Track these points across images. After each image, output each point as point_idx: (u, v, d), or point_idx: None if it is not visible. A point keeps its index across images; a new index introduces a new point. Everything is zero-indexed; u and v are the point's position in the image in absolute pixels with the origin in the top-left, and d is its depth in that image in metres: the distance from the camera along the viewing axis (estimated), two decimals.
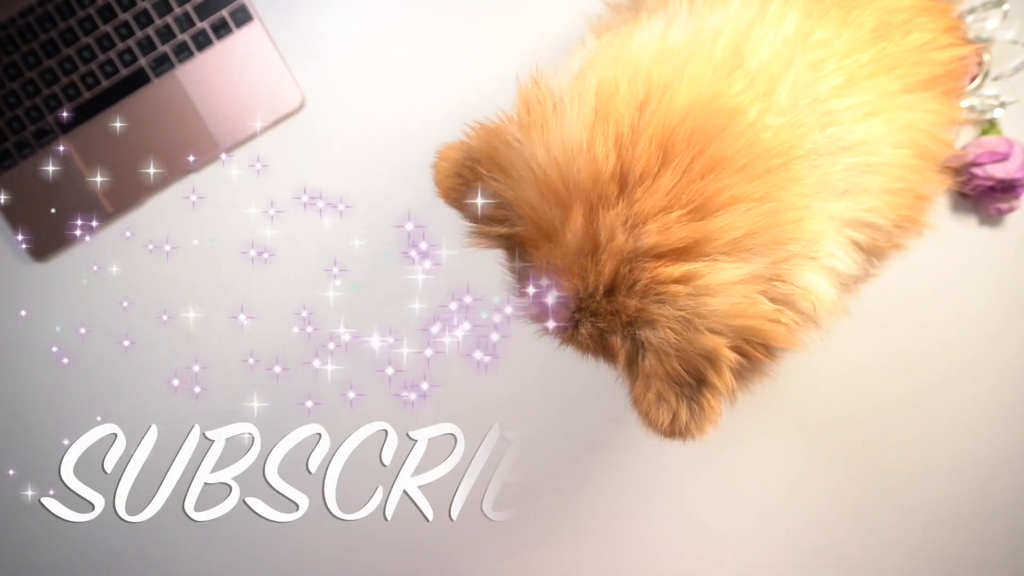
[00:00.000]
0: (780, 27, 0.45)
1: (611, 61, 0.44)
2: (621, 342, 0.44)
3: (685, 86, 0.42)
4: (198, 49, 0.78)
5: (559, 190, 0.42)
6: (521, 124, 0.45)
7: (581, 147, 0.42)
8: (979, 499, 0.77)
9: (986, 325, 0.76)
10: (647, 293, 0.41)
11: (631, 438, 0.79)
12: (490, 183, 0.45)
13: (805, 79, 0.44)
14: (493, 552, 0.80)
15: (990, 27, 0.71)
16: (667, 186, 0.40)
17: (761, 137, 0.41)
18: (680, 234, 0.40)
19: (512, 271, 0.49)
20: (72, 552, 0.82)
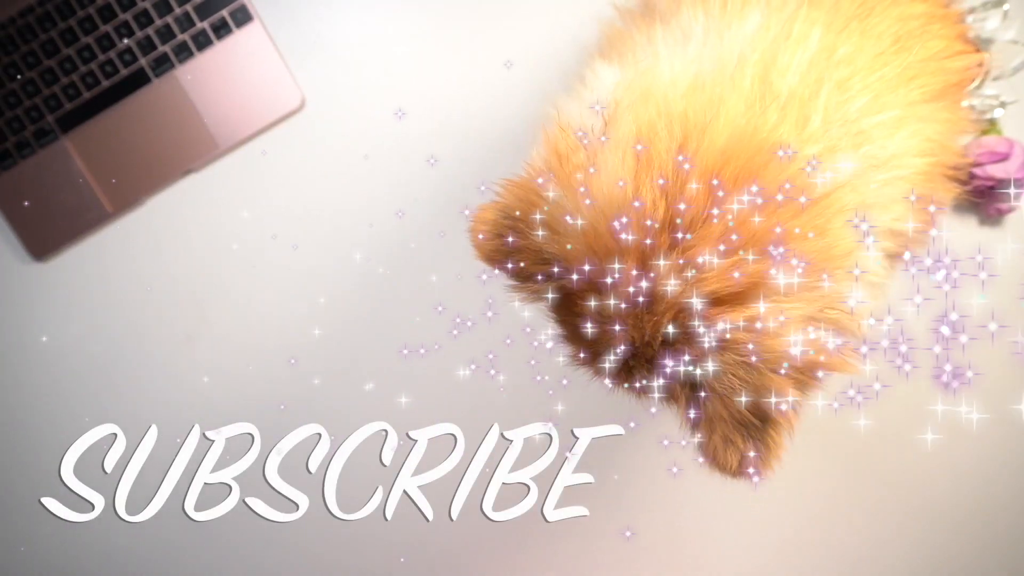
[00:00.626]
0: (805, 46, 0.45)
1: (641, 102, 0.43)
2: (680, 388, 0.44)
3: (722, 125, 0.41)
4: (198, 49, 0.78)
5: (608, 242, 0.41)
6: (556, 175, 0.44)
7: (627, 197, 0.41)
8: (979, 499, 0.77)
9: (986, 325, 0.76)
10: (708, 340, 0.41)
11: (632, 437, 0.79)
12: (534, 239, 0.44)
13: (835, 101, 0.44)
14: (493, 552, 0.80)
15: (990, 27, 0.71)
16: (719, 231, 0.40)
17: (800, 170, 0.41)
18: (738, 279, 0.40)
19: (558, 322, 0.48)
20: (72, 552, 0.82)
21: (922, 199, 0.48)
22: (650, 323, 0.42)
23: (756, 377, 0.41)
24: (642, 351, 0.43)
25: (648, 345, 0.43)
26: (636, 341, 0.43)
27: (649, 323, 0.42)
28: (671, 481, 0.78)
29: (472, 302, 0.79)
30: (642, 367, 0.44)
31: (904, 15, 0.49)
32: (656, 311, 0.41)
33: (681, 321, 0.41)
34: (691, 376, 0.43)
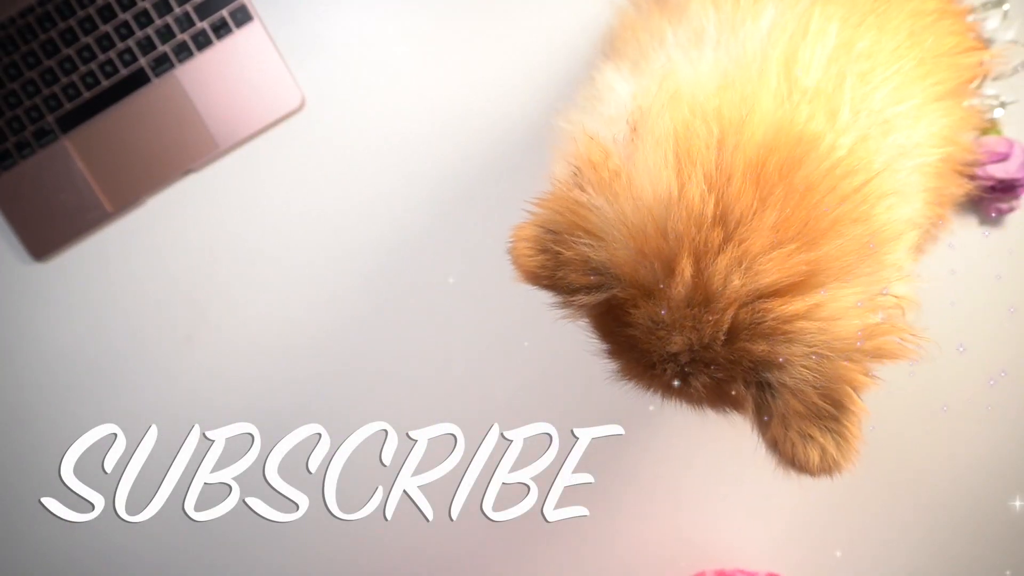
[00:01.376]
0: (824, 42, 0.44)
1: (672, 104, 0.43)
2: (745, 388, 0.42)
3: (758, 119, 0.41)
4: (198, 49, 0.78)
5: (659, 243, 0.40)
6: (591, 183, 0.43)
7: (672, 194, 0.40)
8: (979, 499, 0.77)
9: (986, 325, 0.76)
10: (773, 334, 0.40)
11: (632, 437, 0.79)
12: (579, 249, 0.43)
13: (860, 93, 0.44)
14: (493, 552, 0.80)
15: (990, 27, 0.71)
16: (771, 222, 0.39)
17: (840, 158, 0.41)
18: (796, 268, 0.39)
19: (605, 337, 0.47)
20: (72, 552, 0.82)
21: (936, 193, 0.48)
22: (710, 323, 0.40)
23: (826, 366, 0.40)
24: (701, 354, 0.42)
25: (708, 347, 0.42)
26: (695, 344, 0.42)
27: (709, 323, 0.41)
28: (674, 480, 0.78)
29: (472, 303, 0.79)
30: (700, 372, 0.43)
31: (917, 11, 0.49)
32: (715, 309, 0.40)
33: (743, 317, 0.40)
34: (757, 375, 0.41)
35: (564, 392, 0.79)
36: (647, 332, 0.43)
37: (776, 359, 0.40)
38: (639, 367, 0.45)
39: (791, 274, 0.39)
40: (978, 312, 0.76)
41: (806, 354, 0.40)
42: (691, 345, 0.42)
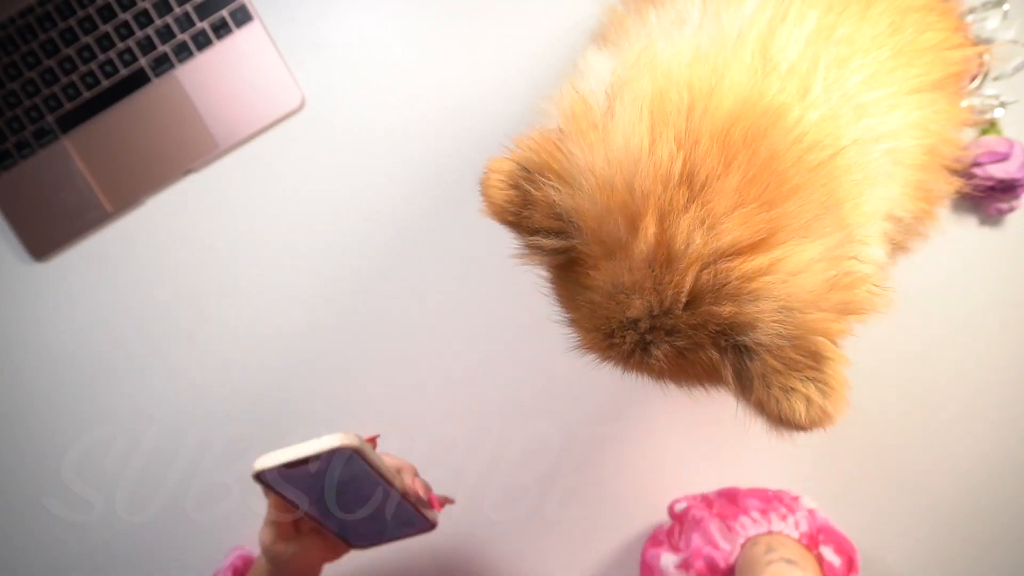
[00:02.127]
0: (802, 25, 0.45)
1: (647, 73, 0.43)
2: (720, 355, 0.42)
3: (727, 89, 0.41)
4: (198, 49, 0.78)
5: (625, 197, 0.40)
6: (569, 133, 0.43)
7: (643, 150, 0.40)
8: (979, 499, 0.77)
9: (986, 325, 0.76)
10: (738, 293, 0.40)
11: (634, 436, 0.79)
12: (548, 192, 0.42)
13: (834, 75, 0.44)
14: (493, 552, 0.80)
15: (990, 27, 0.71)
16: (735, 184, 0.39)
17: (807, 131, 0.41)
18: (756, 226, 0.39)
19: (565, 302, 0.47)
20: (72, 552, 0.82)
21: (921, 189, 0.48)
22: (671, 284, 0.40)
23: (797, 318, 0.39)
24: (662, 320, 0.41)
25: (668, 312, 0.41)
26: (655, 308, 0.41)
27: (670, 284, 0.40)
28: (675, 480, 0.78)
29: (473, 303, 0.79)
30: (661, 340, 0.42)
31: (904, 6, 0.49)
32: (677, 269, 0.40)
33: (706, 279, 0.39)
34: (729, 339, 0.41)
35: (567, 391, 0.79)
36: (607, 296, 0.42)
37: (745, 320, 0.40)
38: (598, 335, 0.45)
39: (752, 232, 0.39)
40: (978, 312, 0.76)
41: (774, 309, 0.39)
42: (651, 309, 0.41)
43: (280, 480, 0.55)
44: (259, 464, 0.54)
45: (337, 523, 0.62)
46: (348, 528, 0.63)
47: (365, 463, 0.55)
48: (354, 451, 0.53)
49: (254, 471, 0.54)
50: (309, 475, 0.55)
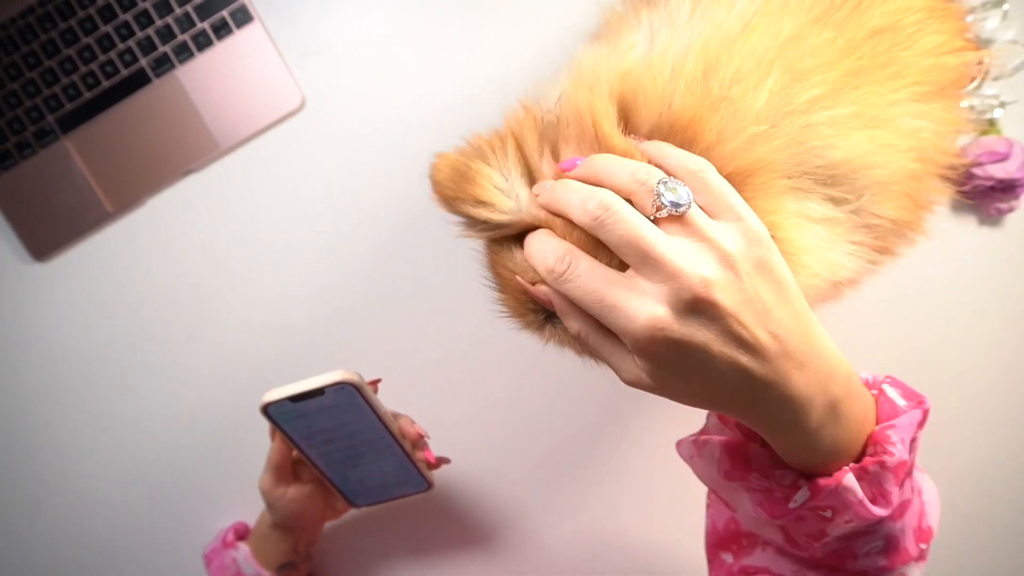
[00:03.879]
0: (776, 33, 0.44)
1: (577, 83, 0.45)
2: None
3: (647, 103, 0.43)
4: (198, 49, 0.78)
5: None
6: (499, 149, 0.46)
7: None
8: (979, 499, 0.77)
9: (986, 325, 0.76)
10: None
11: (634, 436, 0.79)
12: (486, 180, 0.44)
13: (780, 86, 0.42)
14: (493, 552, 0.80)
15: (990, 27, 0.71)
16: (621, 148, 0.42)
17: (732, 148, 0.41)
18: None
19: (491, 270, 0.49)
20: (72, 552, 0.82)
21: (902, 196, 0.48)
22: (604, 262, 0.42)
23: None
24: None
25: None
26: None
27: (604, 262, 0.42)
28: (675, 480, 0.78)
29: (474, 303, 0.79)
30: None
31: (903, 7, 0.48)
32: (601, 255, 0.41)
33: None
34: None
35: (568, 392, 0.79)
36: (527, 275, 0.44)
37: None
38: (520, 307, 0.47)
39: None
40: (978, 312, 0.76)
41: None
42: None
43: (286, 416, 0.59)
44: (267, 396, 0.58)
45: (337, 475, 0.65)
46: (347, 481, 0.66)
47: (365, 402, 0.59)
48: (355, 387, 0.57)
49: (262, 403, 0.58)
50: (313, 411, 0.59)
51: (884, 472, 0.41)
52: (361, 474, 0.66)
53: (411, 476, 0.66)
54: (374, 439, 0.62)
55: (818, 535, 0.44)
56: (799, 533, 0.45)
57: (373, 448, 0.63)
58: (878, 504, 0.41)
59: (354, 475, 0.66)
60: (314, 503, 0.67)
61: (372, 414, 0.60)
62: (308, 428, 0.60)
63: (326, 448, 0.62)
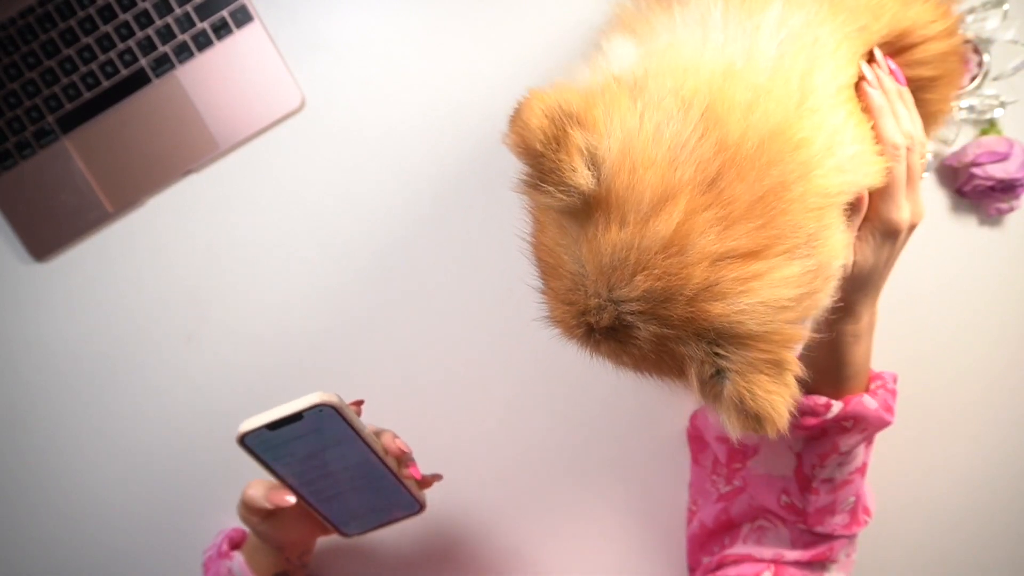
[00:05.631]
0: (837, 73, 0.46)
1: (689, 73, 0.43)
2: (694, 353, 0.43)
3: (768, 112, 0.43)
4: (198, 49, 0.78)
5: (663, 174, 0.41)
6: (603, 104, 0.43)
7: (688, 141, 0.41)
8: (979, 499, 0.77)
9: (986, 325, 0.76)
10: (728, 294, 0.41)
11: (631, 435, 0.79)
12: (585, 139, 0.42)
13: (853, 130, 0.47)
14: (492, 552, 0.80)
15: (990, 27, 0.71)
16: (749, 200, 0.41)
17: (820, 175, 0.43)
18: (757, 239, 0.41)
19: (544, 257, 0.46)
20: (72, 552, 0.82)
21: None
22: (680, 273, 0.41)
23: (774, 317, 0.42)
24: (659, 306, 0.42)
25: (669, 300, 0.42)
26: (657, 293, 0.42)
27: (679, 273, 0.41)
28: (674, 480, 0.78)
29: (475, 302, 0.79)
30: (648, 323, 0.42)
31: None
32: (687, 261, 0.41)
33: (704, 275, 0.41)
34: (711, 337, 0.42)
35: (567, 392, 0.79)
36: (599, 267, 0.42)
37: (732, 319, 0.41)
38: (573, 310, 0.45)
39: (752, 243, 0.41)
40: (978, 312, 0.76)
41: (758, 303, 0.41)
42: (653, 293, 0.42)
43: (264, 445, 0.56)
44: (243, 427, 0.54)
45: (324, 504, 0.62)
46: (335, 510, 0.63)
47: (346, 423, 0.55)
48: (334, 408, 0.54)
49: (238, 434, 0.54)
50: (292, 438, 0.55)
51: (887, 393, 0.61)
52: (349, 500, 0.62)
53: (401, 498, 0.63)
54: (359, 462, 0.59)
55: (829, 451, 0.60)
56: (811, 454, 0.61)
57: (359, 471, 0.59)
58: (889, 412, 0.60)
59: (342, 502, 0.62)
60: (298, 527, 0.64)
61: (355, 436, 0.56)
62: (289, 456, 0.57)
63: (310, 476, 0.59)
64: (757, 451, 0.66)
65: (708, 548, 0.71)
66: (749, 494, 0.67)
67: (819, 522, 0.62)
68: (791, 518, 0.64)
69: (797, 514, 0.63)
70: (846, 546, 0.64)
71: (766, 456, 0.66)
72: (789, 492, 0.63)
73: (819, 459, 0.61)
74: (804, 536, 0.64)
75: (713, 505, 0.70)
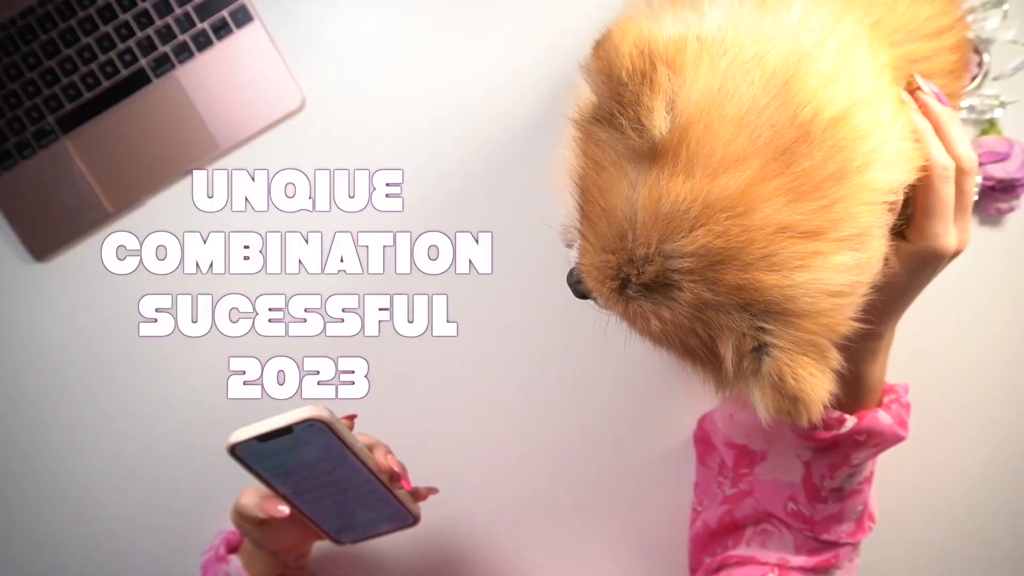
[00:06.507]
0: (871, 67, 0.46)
1: (762, 42, 0.42)
2: (736, 324, 0.41)
3: (838, 97, 0.42)
4: (198, 49, 0.78)
5: (739, 130, 0.40)
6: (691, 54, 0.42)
7: (770, 108, 0.40)
8: (979, 499, 0.77)
9: (986, 325, 0.76)
10: (784, 267, 0.40)
11: (631, 435, 0.79)
12: (665, 85, 0.41)
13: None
14: (491, 553, 0.80)
15: (990, 27, 0.71)
16: (817, 179, 0.40)
17: (883, 172, 0.43)
18: (819, 219, 0.40)
19: (593, 196, 0.44)
20: (72, 552, 0.82)
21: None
22: (742, 235, 0.40)
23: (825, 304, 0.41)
24: (712, 267, 0.41)
25: (724, 262, 0.40)
26: (713, 250, 0.40)
27: (741, 235, 0.40)
28: (673, 480, 0.78)
29: (475, 304, 0.79)
30: (690, 284, 0.41)
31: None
32: (751, 225, 0.40)
33: (764, 243, 0.40)
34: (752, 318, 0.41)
35: (568, 392, 0.79)
36: (654, 215, 0.41)
37: (785, 294, 0.40)
38: (614, 259, 0.43)
39: (814, 223, 0.40)
40: (978, 312, 0.76)
41: (811, 280, 0.40)
42: (709, 251, 0.40)
43: (255, 456, 0.56)
44: (233, 437, 0.54)
45: (317, 513, 0.62)
46: (328, 519, 0.63)
47: (337, 438, 0.55)
48: (325, 424, 0.54)
49: (228, 444, 0.54)
50: (283, 451, 0.55)
51: (901, 407, 0.60)
52: (342, 511, 0.62)
53: (394, 511, 0.62)
54: (351, 475, 0.58)
55: (840, 463, 0.59)
56: (820, 464, 0.60)
57: (351, 484, 0.59)
58: (903, 427, 0.59)
59: (334, 512, 0.62)
60: (292, 533, 0.64)
61: (346, 451, 0.56)
62: (280, 467, 0.57)
63: (302, 487, 0.59)
64: (765, 457, 0.66)
65: (711, 548, 0.71)
66: (755, 498, 0.66)
67: (826, 530, 0.62)
68: (797, 525, 0.63)
69: (804, 521, 0.62)
70: (850, 552, 0.63)
71: (774, 462, 0.65)
72: (796, 499, 0.63)
73: (829, 470, 0.60)
74: (809, 542, 0.63)
75: (718, 507, 0.70)
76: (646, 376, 0.77)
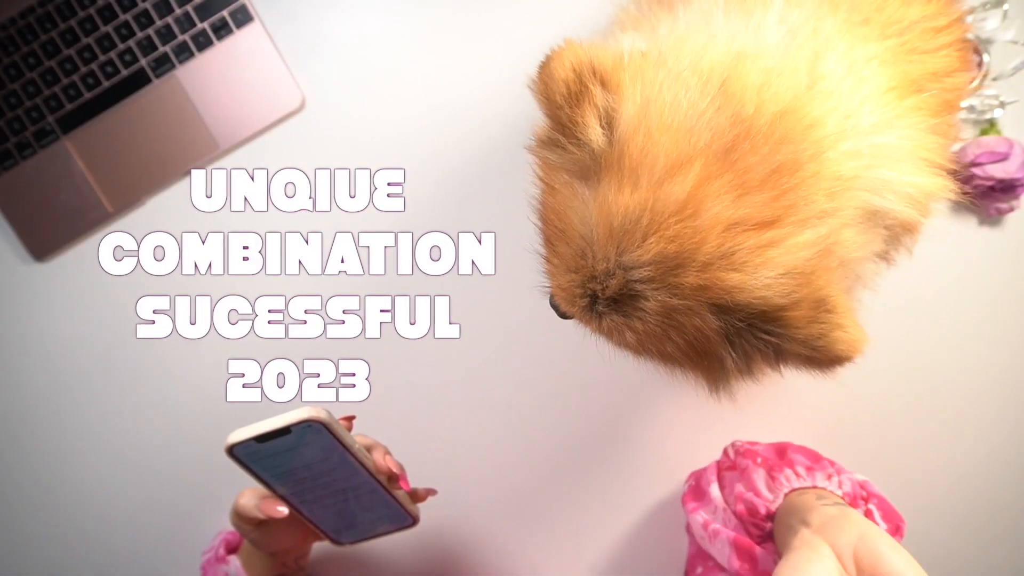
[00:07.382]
0: (848, 53, 0.45)
1: (696, 51, 0.44)
2: (714, 323, 0.42)
3: (780, 91, 0.42)
4: (198, 50, 0.78)
5: (678, 139, 0.41)
6: (630, 70, 0.43)
7: (705, 111, 0.41)
8: (979, 499, 0.77)
9: (986, 325, 0.76)
10: (746, 263, 0.40)
11: (631, 435, 0.79)
12: (606, 98, 0.42)
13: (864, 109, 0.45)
14: (491, 554, 0.80)
15: (990, 27, 0.71)
16: (762, 173, 0.41)
17: (832, 157, 0.43)
18: (770, 209, 0.41)
19: (551, 223, 0.46)
20: (72, 552, 0.82)
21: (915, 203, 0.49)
22: (693, 237, 0.40)
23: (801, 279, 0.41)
24: (670, 273, 0.41)
25: (681, 266, 0.41)
26: (669, 257, 0.41)
27: (692, 237, 0.40)
28: (672, 480, 0.78)
29: (478, 305, 0.79)
30: (654, 294, 0.42)
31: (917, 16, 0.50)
32: (701, 227, 0.40)
33: (718, 243, 0.41)
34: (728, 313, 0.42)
35: (569, 392, 0.79)
36: (608, 231, 0.42)
37: (752, 289, 0.41)
38: (578, 278, 0.44)
39: (765, 214, 0.41)
40: (978, 312, 0.76)
41: (780, 274, 0.41)
42: (665, 257, 0.41)
43: (253, 456, 0.56)
44: (232, 437, 0.54)
45: (315, 514, 0.62)
46: (327, 520, 0.63)
47: (335, 439, 0.55)
48: (323, 425, 0.54)
49: (227, 445, 0.55)
50: (281, 451, 0.55)
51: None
52: (340, 512, 0.62)
53: (393, 512, 0.62)
54: (349, 476, 0.58)
55: None
56: None
57: (349, 485, 0.59)
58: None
59: (333, 513, 0.62)
60: (291, 534, 0.64)
61: (344, 452, 0.56)
62: (278, 468, 0.57)
63: (300, 487, 0.59)
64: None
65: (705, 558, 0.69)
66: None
67: None
68: None
69: None
70: None
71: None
72: None
73: None
74: None
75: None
76: (647, 378, 0.77)
